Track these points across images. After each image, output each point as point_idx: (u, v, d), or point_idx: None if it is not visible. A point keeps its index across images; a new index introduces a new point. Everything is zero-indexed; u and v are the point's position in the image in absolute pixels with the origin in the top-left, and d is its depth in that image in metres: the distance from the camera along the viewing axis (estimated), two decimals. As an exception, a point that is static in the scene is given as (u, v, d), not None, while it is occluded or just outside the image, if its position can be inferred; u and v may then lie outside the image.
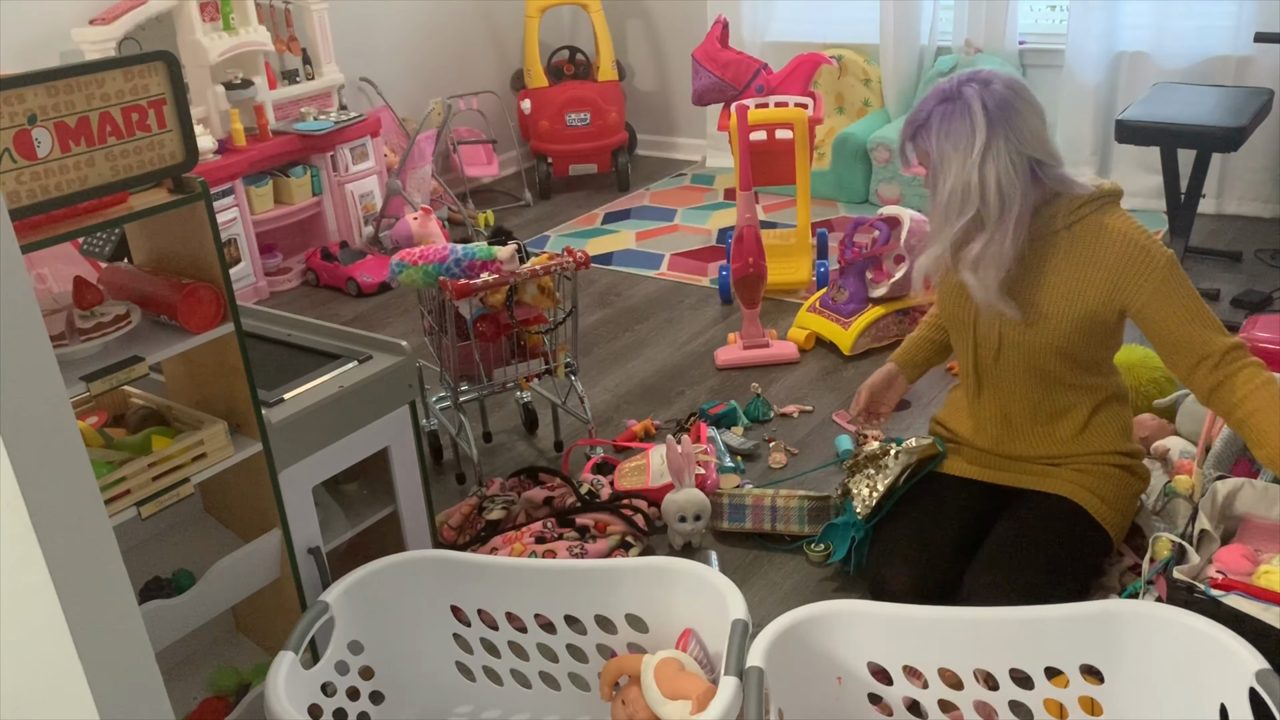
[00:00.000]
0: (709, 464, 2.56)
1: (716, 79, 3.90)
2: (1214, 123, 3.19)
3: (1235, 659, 1.44)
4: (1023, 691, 1.62)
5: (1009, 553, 1.96)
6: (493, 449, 2.83)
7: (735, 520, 2.37)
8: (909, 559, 2.00)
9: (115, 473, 1.55)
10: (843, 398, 2.94)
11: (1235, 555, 1.75)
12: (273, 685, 1.58)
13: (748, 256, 3.11)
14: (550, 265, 2.51)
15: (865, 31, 4.54)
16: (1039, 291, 1.93)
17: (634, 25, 5.27)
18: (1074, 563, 1.98)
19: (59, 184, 1.44)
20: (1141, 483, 2.11)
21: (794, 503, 2.33)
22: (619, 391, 3.08)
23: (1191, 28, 3.91)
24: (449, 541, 2.40)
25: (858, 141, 4.38)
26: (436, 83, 4.78)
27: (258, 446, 1.74)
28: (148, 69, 1.51)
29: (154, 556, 1.87)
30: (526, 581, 1.85)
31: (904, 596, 1.96)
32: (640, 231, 4.36)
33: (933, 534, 2.03)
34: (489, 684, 1.91)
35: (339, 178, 4.08)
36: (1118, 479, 2.05)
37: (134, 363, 1.54)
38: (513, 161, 5.07)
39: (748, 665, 1.50)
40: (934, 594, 1.96)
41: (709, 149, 5.16)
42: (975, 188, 1.83)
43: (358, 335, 2.08)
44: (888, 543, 2.06)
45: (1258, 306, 3.20)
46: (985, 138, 1.82)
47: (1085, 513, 2.00)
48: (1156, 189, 3.55)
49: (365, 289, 3.89)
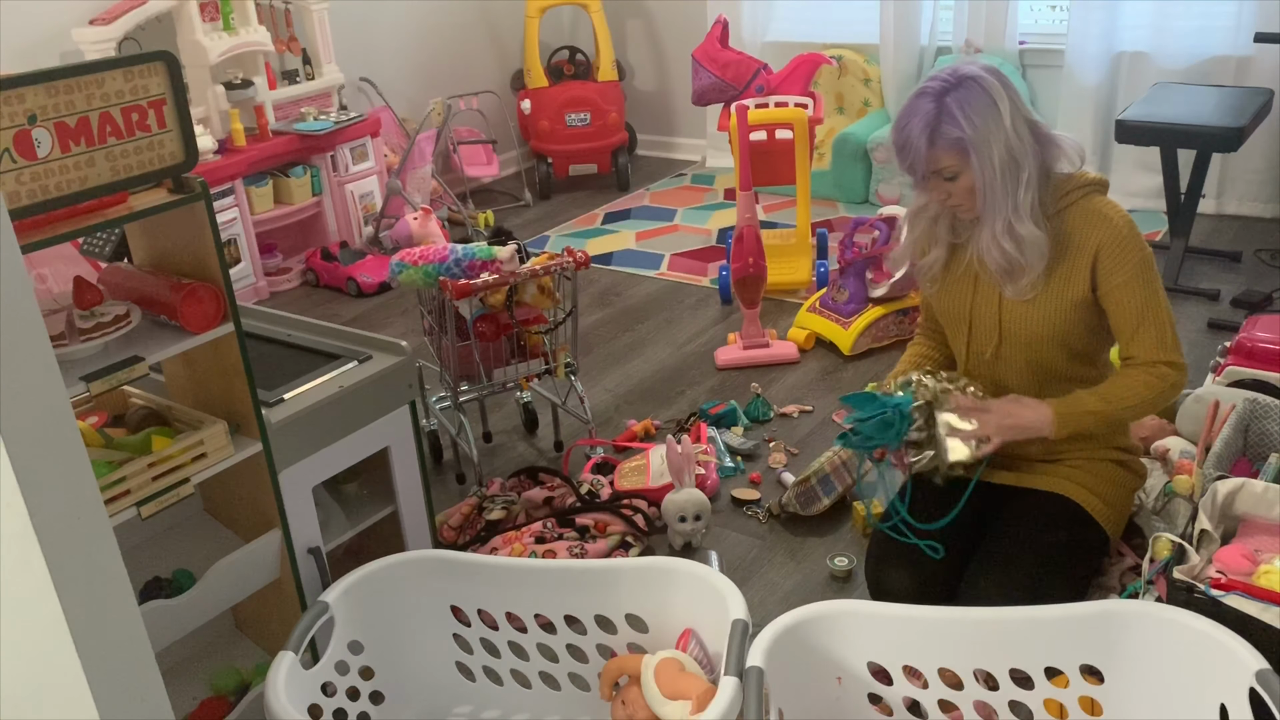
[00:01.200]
0: (709, 464, 2.56)
1: (716, 79, 3.90)
2: (1214, 123, 3.19)
3: (1235, 659, 1.44)
4: (1023, 691, 1.62)
5: (1006, 552, 1.96)
6: (493, 449, 2.83)
7: (829, 492, 2.40)
8: (908, 560, 1.99)
9: (115, 473, 1.55)
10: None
11: (1235, 555, 1.75)
12: (273, 685, 1.58)
13: (748, 256, 3.11)
14: (550, 265, 2.51)
15: (865, 31, 4.54)
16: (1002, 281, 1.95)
17: (634, 25, 5.27)
18: (1071, 560, 1.98)
19: (59, 184, 1.44)
20: (1138, 479, 2.11)
21: (847, 452, 2.41)
22: (619, 391, 3.08)
23: (1191, 28, 3.91)
24: (449, 541, 2.40)
25: (858, 141, 4.38)
26: (436, 83, 4.78)
27: (258, 446, 1.74)
28: (148, 69, 1.51)
29: (154, 556, 1.87)
30: (526, 581, 1.85)
31: (903, 597, 1.96)
32: (640, 231, 4.36)
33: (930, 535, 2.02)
34: (489, 684, 1.91)
35: (339, 178, 4.08)
36: (1114, 475, 2.06)
37: (134, 363, 1.54)
38: (513, 161, 5.07)
39: (748, 665, 1.50)
40: (932, 594, 1.96)
41: (709, 149, 5.16)
42: (1022, 144, 1.85)
43: (358, 335, 2.08)
44: (886, 544, 2.05)
45: (1258, 306, 3.20)
46: (1006, 96, 1.85)
47: (1082, 510, 2.01)
48: (1156, 189, 3.55)
49: (365, 289, 3.89)
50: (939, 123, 1.83)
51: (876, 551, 2.07)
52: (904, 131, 1.86)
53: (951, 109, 1.83)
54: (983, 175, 1.85)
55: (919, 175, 1.91)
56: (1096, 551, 2.04)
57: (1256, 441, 2.21)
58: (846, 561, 2.25)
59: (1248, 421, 2.21)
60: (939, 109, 1.83)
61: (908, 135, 1.85)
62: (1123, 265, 1.88)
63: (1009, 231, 1.88)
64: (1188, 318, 3.22)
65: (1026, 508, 2.03)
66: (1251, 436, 2.22)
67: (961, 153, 1.83)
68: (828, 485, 2.39)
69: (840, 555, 2.27)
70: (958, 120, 1.82)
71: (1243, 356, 2.46)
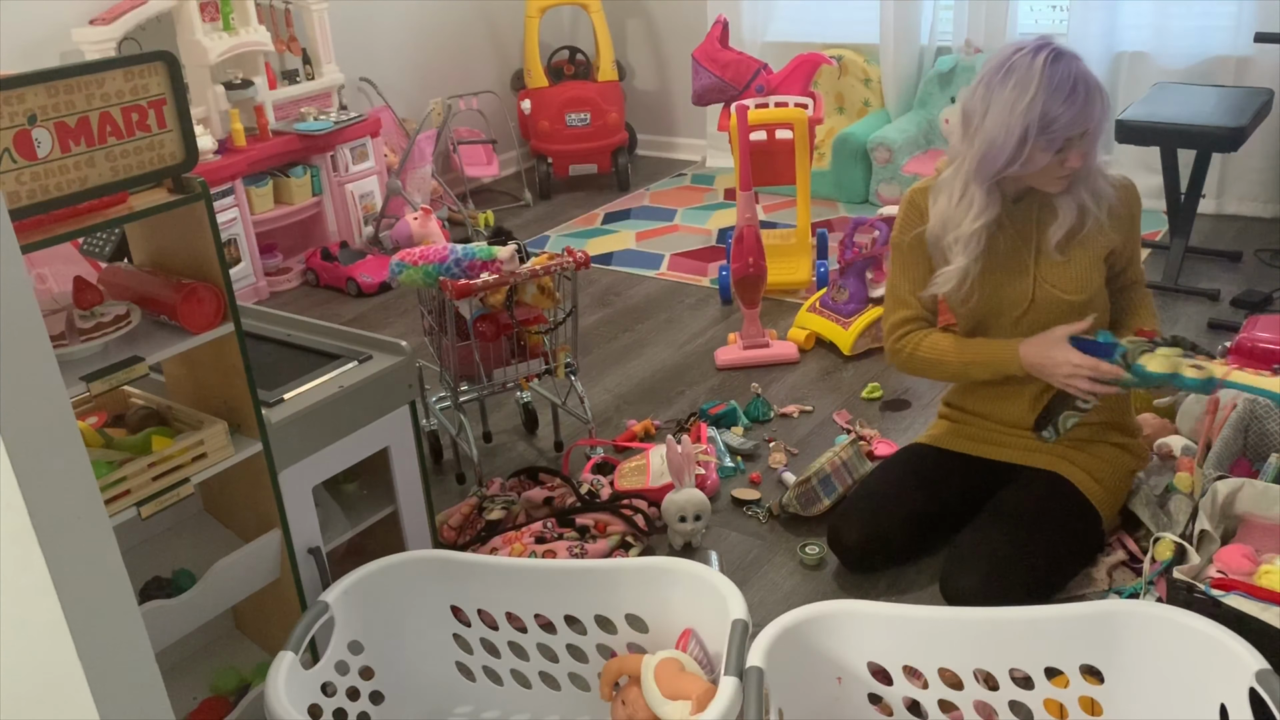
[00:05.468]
0: (709, 464, 2.56)
1: (716, 79, 3.90)
2: (1214, 123, 3.19)
3: (1235, 659, 1.44)
4: (1023, 691, 1.62)
5: (994, 527, 2.03)
6: (493, 449, 2.83)
7: (830, 493, 2.40)
8: (863, 516, 2.16)
9: (115, 473, 1.55)
10: (843, 398, 2.94)
11: (1235, 555, 1.75)
12: (273, 685, 1.58)
13: (748, 256, 3.11)
14: (550, 265, 2.51)
15: (865, 31, 4.53)
16: (1061, 235, 2.01)
17: (634, 25, 5.27)
18: (1061, 537, 2.01)
19: (59, 184, 1.44)
20: (1137, 461, 2.14)
21: (848, 452, 2.43)
22: (619, 391, 3.08)
23: (1191, 28, 3.91)
24: (449, 541, 2.40)
25: (858, 141, 4.38)
26: (436, 83, 4.78)
27: (258, 446, 1.74)
28: (148, 69, 1.51)
29: (154, 556, 1.87)
30: (526, 581, 1.85)
31: (854, 550, 2.16)
32: (640, 231, 4.36)
33: (895, 497, 2.17)
34: (489, 684, 1.91)
35: (339, 178, 4.08)
36: (1111, 456, 2.08)
37: (134, 363, 1.54)
38: (513, 161, 5.07)
39: (748, 665, 1.50)
40: (883, 553, 2.16)
41: (709, 149, 5.16)
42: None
43: (358, 335, 2.08)
44: (851, 500, 2.24)
45: (1258, 306, 3.20)
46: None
47: (1076, 490, 2.03)
48: (1156, 189, 3.55)
49: (365, 289, 3.89)
50: (1085, 89, 1.85)
51: (841, 506, 2.27)
52: (1085, 91, 1.85)
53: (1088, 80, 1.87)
54: (1096, 144, 1.92)
55: (1074, 136, 1.87)
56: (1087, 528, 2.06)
57: (1256, 441, 2.21)
58: (817, 550, 2.26)
59: (1248, 421, 2.21)
60: (1075, 73, 1.85)
61: (1090, 91, 1.85)
62: (1136, 220, 2.08)
63: (1095, 185, 1.97)
64: (1188, 318, 3.22)
65: (1019, 485, 2.08)
66: (1251, 436, 2.22)
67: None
68: (828, 485, 2.39)
69: (810, 544, 2.29)
70: (1098, 92, 1.88)
71: (1243, 357, 2.45)
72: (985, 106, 1.89)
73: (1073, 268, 2.01)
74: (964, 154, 1.95)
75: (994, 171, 1.92)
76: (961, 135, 1.96)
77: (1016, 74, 1.85)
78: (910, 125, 4.39)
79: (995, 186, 1.97)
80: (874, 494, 2.21)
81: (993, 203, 1.97)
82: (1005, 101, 1.85)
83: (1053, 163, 1.89)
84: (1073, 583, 2.04)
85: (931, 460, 2.23)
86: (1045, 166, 1.90)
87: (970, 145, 1.93)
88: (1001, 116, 1.86)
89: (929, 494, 2.18)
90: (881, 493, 2.20)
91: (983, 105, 1.89)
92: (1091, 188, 1.98)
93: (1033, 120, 1.83)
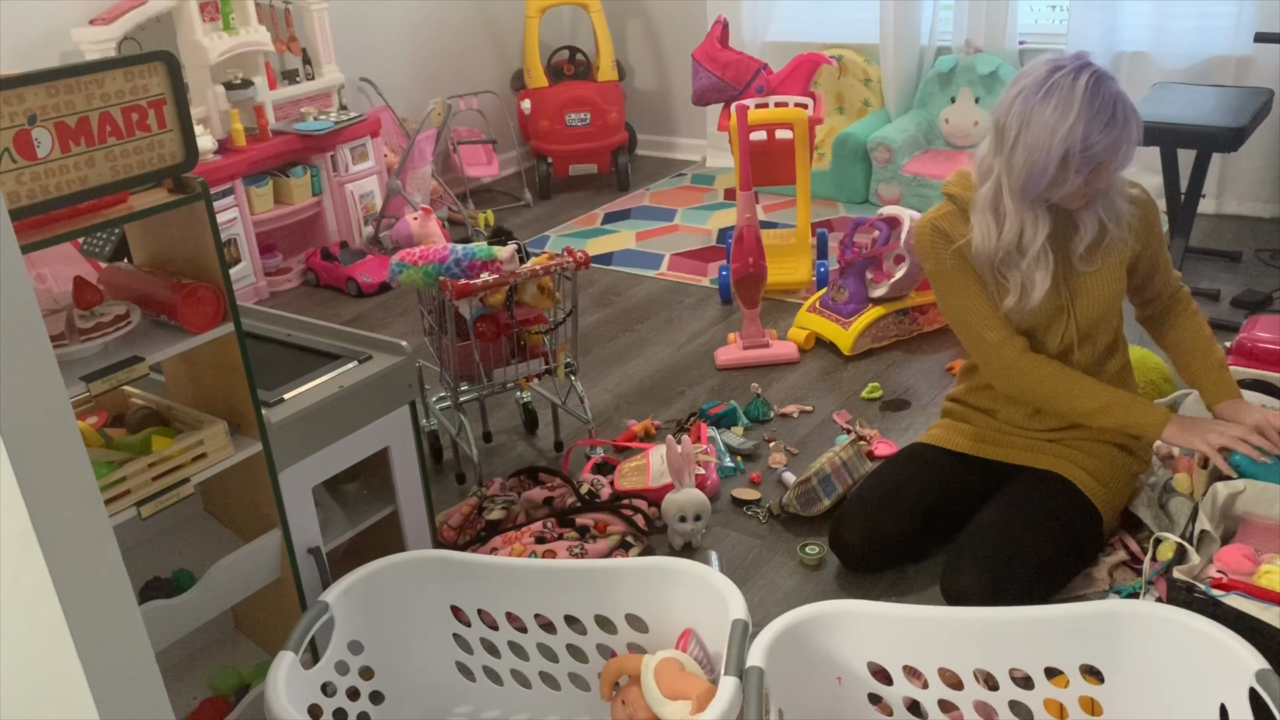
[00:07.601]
0: (709, 464, 2.56)
1: (716, 79, 3.90)
2: (1214, 123, 3.19)
3: (1235, 659, 1.44)
4: (1023, 691, 1.62)
5: (995, 527, 2.02)
6: (493, 449, 2.83)
7: (830, 493, 2.39)
8: (864, 516, 2.16)
9: (115, 473, 1.55)
10: (843, 398, 2.94)
11: (1235, 555, 1.75)
12: (273, 685, 1.58)
13: (748, 256, 3.11)
14: (550, 265, 2.51)
15: (865, 31, 4.54)
16: (1084, 248, 2.01)
17: (634, 25, 5.27)
18: (1061, 537, 2.02)
19: (59, 184, 1.44)
20: (1139, 463, 2.14)
21: (848, 453, 2.44)
22: (619, 391, 3.08)
23: (1191, 28, 3.91)
24: (449, 541, 2.40)
25: (858, 141, 4.38)
26: (436, 83, 4.78)
27: (258, 446, 1.74)
28: (148, 69, 1.51)
29: (154, 556, 1.87)
30: (526, 581, 1.85)
31: (854, 550, 2.16)
32: (640, 231, 4.36)
33: (897, 496, 2.18)
34: (489, 684, 1.91)
35: (339, 178, 4.08)
36: (1113, 457, 2.09)
37: (134, 363, 1.54)
38: (513, 161, 5.07)
39: (748, 665, 1.50)
40: (884, 553, 2.17)
41: (709, 149, 5.16)
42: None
43: (358, 335, 2.08)
44: (852, 500, 2.24)
45: (1258, 306, 3.20)
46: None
47: (1077, 490, 2.04)
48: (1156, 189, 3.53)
49: (365, 289, 3.89)
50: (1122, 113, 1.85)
51: (843, 506, 2.25)
52: (1124, 117, 1.84)
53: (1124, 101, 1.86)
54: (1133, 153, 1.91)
55: (1098, 163, 1.86)
56: (1087, 529, 2.06)
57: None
58: (817, 550, 2.26)
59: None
60: (1115, 95, 1.84)
61: (1128, 116, 1.84)
62: (1157, 225, 2.08)
63: (1113, 203, 1.97)
64: (1188, 318, 3.22)
65: (1020, 484, 2.08)
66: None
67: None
68: (828, 485, 2.39)
69: (810, 544, 2.28)
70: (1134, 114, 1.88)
71: (1243, 356, 2.46)
72: (1021, 123, 1.86)
73: (1100, 276, 2.03)
74: (998, 169, 1.94)
75: (1036, 193, 1.91)
76: (994, 148, 1.94)
77: (1058, 95, 1.82)
78: (910, 125, 4.39)
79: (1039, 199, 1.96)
80: (874, 494, 2.21)
81: (1043, 215, 1.96)
82: (1046, 124, 1.83)
83: (1079, 182, 1.90)
84: (1073, 583, 2.05)
85: (932, 460, 2.23)
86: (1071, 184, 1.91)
87: (1005, 161, 1.92)
88: (1041, 138, 1.83)
89: (930, 494, 2.18)
90: (882, 493, 2.20)
91: (1018, 122, 1.87)
92: (1111, 202, 1.98)
93: (1074, 144, 1.82)
